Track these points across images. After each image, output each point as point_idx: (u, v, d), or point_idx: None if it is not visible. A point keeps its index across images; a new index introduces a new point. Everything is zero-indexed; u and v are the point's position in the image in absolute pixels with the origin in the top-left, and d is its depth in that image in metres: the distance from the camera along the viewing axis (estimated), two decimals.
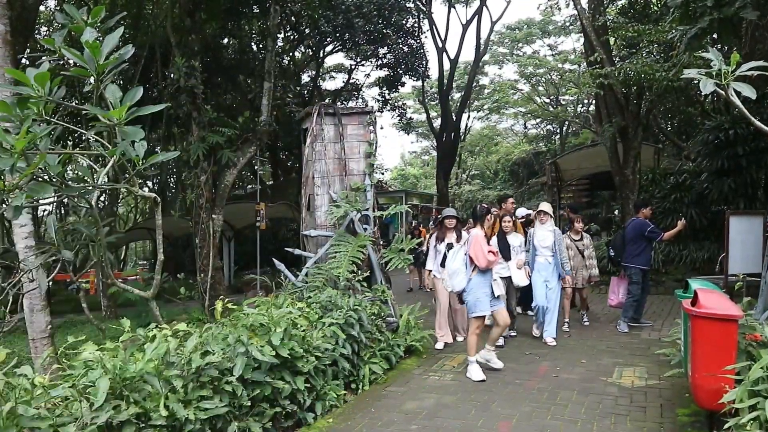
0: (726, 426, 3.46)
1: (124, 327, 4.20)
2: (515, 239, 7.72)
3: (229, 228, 20.74)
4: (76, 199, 5.84)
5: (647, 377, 5.95)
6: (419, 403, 5.40)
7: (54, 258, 5.56)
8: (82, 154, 5.93)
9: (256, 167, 18.18)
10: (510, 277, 7.56)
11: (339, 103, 23.71)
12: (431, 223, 15.75)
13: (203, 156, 11.78)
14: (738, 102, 3.84)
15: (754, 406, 3.34)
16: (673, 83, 10.76)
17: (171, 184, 27.33)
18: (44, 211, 20.16)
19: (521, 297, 9.03)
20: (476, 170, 44.99)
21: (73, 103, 13.49)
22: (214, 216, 12.29)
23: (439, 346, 7.48)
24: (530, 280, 7.73)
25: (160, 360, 4.07)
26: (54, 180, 4.50)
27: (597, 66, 11.58)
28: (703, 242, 12.02)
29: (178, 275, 13.60)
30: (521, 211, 9.57)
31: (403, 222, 22.78)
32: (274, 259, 7.34)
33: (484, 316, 6.14)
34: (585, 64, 15.84)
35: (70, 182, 5.34)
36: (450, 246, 7.14)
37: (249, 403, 4.38)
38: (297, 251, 7.51)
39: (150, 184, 25.88)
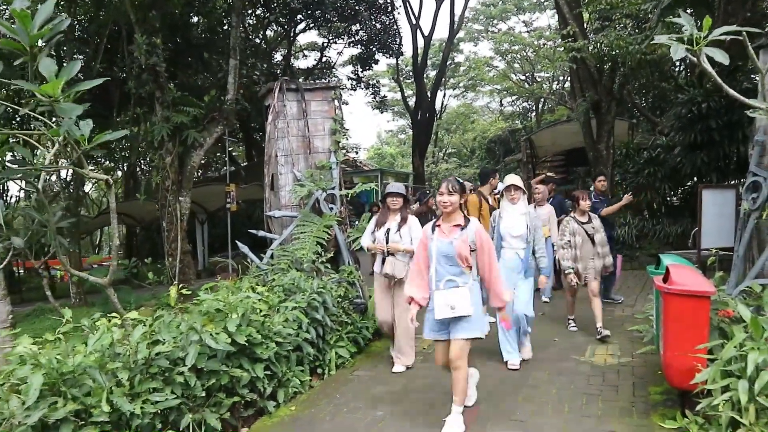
0: (698, 407, 3.32)
1: (65, 316, 3.93)
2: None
3: (202, 210, 20.35)
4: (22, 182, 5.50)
5: (620, 355, 5.84)
6: (387, 387, 5.22)
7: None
8: (21, 134, 5.61)
9: (229, 148, 17.83)
10: None
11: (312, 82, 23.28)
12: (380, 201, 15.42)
13: (167, 136, 11.41)
14: (710, 69, 3.66)
15: (727, 387, 3.20)
16: (646, 56, 10.61)
17: (143, 167, 26.76)
18: (10, 197, 19.64)
19: None
20: (453, 148, 44.86)
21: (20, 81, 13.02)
22: (180, 198, 11.96)
23: (397, 369, 5.73)
24: None
25: (106, 351, 3.82)
26: None
27: (570, 40, 11.37)
28: (676, 217, 11.98)
29: (146, 260, 13.27)
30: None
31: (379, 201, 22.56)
32: (237, 242, 7.09)
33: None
34: (559, 39, 15.63)
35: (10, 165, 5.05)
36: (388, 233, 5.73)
37: (204, 394, 4.16)
38: (261, 233, 7.25)
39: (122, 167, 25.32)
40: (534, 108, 36.98)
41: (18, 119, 13.87)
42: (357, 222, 8.02)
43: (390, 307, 5.79)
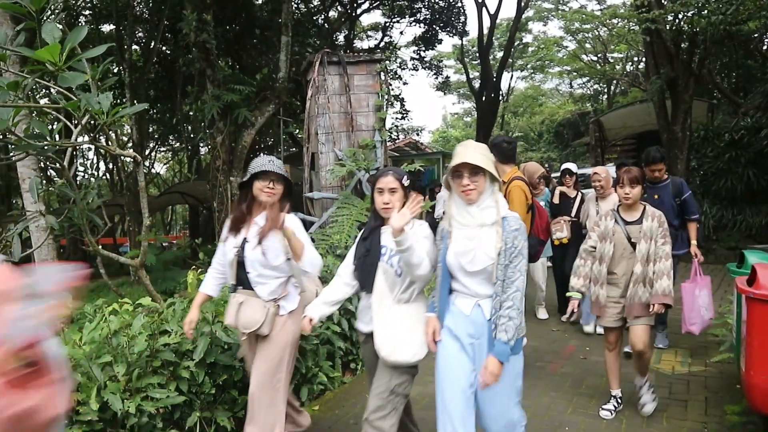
0: None
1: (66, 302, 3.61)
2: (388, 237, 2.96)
3: None
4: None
5: (690, 362, 5.14)
6: (422, 388, 4.72)
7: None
8: (45, 107, 5.41)
9: (287, 129, 17.61)
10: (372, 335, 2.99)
11: None
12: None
13: (218, 115, 11.20)
14: None
15: None
16: (730, 28, 9.57)
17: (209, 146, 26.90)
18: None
19: None
20: (520, 132, 43.59)
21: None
22: (231, 178, 11.75)
23: None
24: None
25: (103, 342, 3.48)
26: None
27: (644, 10, 10.43)
28: (761, 206, 10.89)
29: (196, 240, 13.21)
30: (569, 164, 6.73)
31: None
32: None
33: None
34: (632, 7, 14.52)
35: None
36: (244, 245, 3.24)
37: (214, 390, 3.79)
38: (300, 215, 6.86)
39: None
40: (606, 90, 35.35)
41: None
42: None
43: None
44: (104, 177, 25.10)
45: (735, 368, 4.34)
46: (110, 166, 22.57)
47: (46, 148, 4.28)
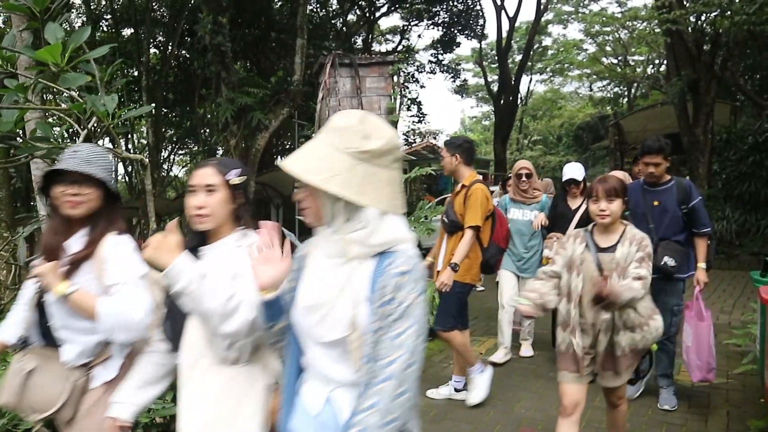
0: None
1: None
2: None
3: (278, 195, 20.37)
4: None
5: None
6: (429, 400, 4.59)
7: None
8: (55, 110, 5.36)
9: (308, 131, 17.64)
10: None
11: None
12: None
13: (232, 118, 11.20)
14: None
15: None
16: (755, 28, 9.33)
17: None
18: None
19: None
20: (538, 135, 43.36)
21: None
22: None
23: None
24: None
25: None
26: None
27: (665, 10, 10.22)
28: None
29: None
30: (572, 168, 5.39)
31: None
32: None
33: None
34: (653, 8, 14.25)
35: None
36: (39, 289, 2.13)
37: None
38: None
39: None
40: (626, 93, 35.00)
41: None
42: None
43: None
44: (123, 180, 25.32)
45: (759, 381, 4.17)
46: (128, 169, 22.75)
47: (50, 150, 4.23)
